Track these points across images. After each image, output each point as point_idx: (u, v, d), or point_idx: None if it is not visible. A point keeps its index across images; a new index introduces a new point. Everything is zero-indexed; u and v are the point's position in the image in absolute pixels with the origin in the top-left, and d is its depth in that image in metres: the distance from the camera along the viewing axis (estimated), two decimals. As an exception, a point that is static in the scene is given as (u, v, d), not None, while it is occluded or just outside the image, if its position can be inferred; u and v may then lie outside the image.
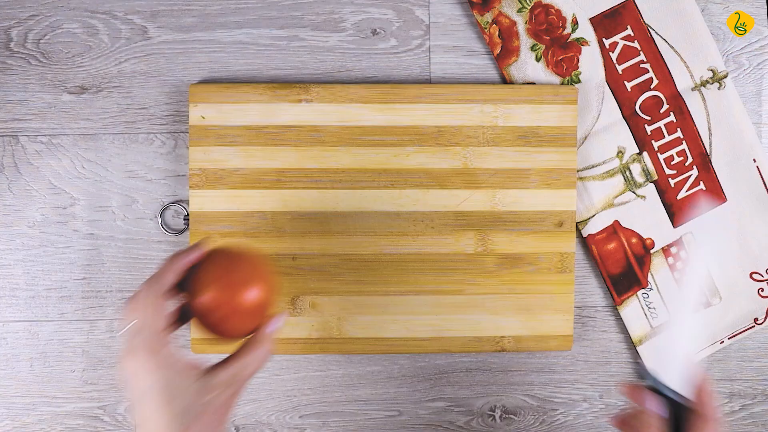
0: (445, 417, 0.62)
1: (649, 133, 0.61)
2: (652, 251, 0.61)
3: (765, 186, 0.61)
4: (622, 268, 0.61)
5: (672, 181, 0.61)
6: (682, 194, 0.61)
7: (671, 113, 0.61)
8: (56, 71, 0.60)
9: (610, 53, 0.60)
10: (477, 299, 0.60)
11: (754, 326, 0.62)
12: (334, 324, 0.59)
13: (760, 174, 0.61)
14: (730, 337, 0.62)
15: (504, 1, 0.60)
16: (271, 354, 0.44)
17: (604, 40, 0.60)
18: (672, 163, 0.61)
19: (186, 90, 0.60)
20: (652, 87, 0.61)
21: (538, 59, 0.60)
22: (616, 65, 0.60)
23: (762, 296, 0.62)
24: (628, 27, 0.60)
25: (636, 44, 0.60)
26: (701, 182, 0.61)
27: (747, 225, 0.61)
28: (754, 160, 0.61)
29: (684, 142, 0.61)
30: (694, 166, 0.61)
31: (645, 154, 0.61)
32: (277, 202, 0.59)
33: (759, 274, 0.62)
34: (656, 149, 0.61)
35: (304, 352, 0.59)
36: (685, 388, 0.42)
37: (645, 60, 0.60)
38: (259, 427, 0.61)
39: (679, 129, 0.61)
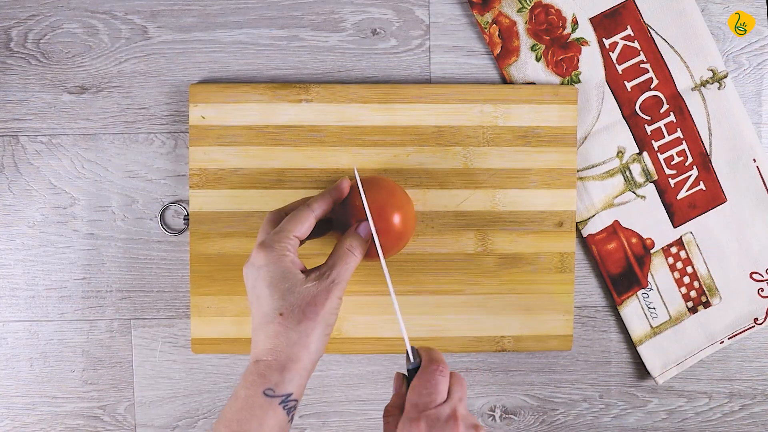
0: (445, 417, 0.62)
1: (649, 133, 0.61)
2: (652, 251, 0.61)
3: (765, 186, 0.61)
4: (622, 268, 0.61)
5: (672, 181, 0.61)
6: (682, 194, 0.61)
7: (671, 113, 0.61)
8: (56, 71, 0.60)
9: (610, 53, 0.60)
10: (477, 299, 0.60)
11: (754, 326, 0.62)
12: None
13: (760, 174, 0.61)
14: (730, 337, 0.62)
15: (504, 1, 0.60)
16: (357, 259, 0.49)
17: (604, 40, 0.60)
18: (672, 163, 0.61)
19: (186, 90, 0.60)
20: (652, 87, 0.61)
21: (538, 59, 0.60)
22: (616, 65, 0.60)
23: (762, 296, 0.62)
24: (628, 27, 0.60)
25: (636, 44, 0.60)
26: (701, 182, 0.61)
27: (747, 225, 0.61)
28: (754, 160, 0.61)
29: (684, 142, 0.61)
30: (694, 166, 0.61)
31: (645, 154, 0.61)
32: (277, 202, 0.59)
33: (759, 274, 0.62)
34: (656, 149, 0.61)
35: (304, 352, 0.59)
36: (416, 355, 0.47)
37: (645, 60, 0.60)
38: (259, 427, 0.61)
39: (679, 129, 0.61)
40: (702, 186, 0.61)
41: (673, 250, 0.61)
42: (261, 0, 0.60)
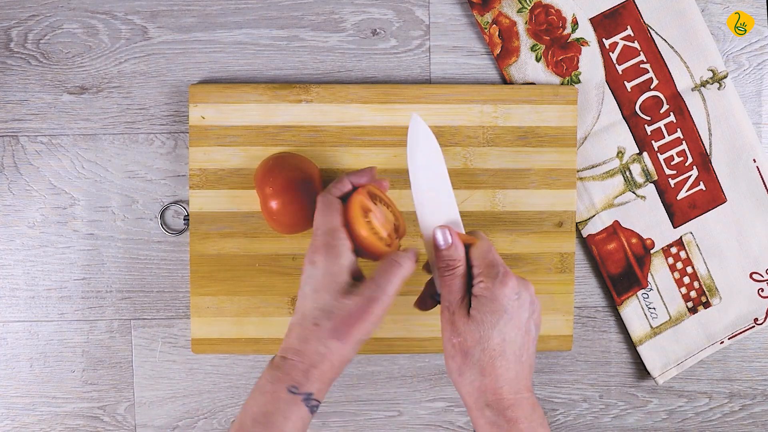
0: (445, 417, 0.62)
1: (649, 133, 0.61)
2: (652, 251, 0.61)
3: (765, 186, 0.61)
4: (622, 268, 0.61)
5: (672, 182, 0.61)
6: (682, 194, 0.61)
7: (671, 113, 0.61)
8: (56, 71, 0.60)
9: (610, 53, 0.60)
10: (477, 299, 0.59)
11: (754, 326, 0.62)
12: (334, 324, 0.59)
13: (760, 174, 0.61)
14: (730, 338, 0.62)
15: (504, 1, 0.60)
16: (404, 270, 0.47)
17: (604, 40, 0.60)
18: (672, 163, 0.61)
19: (186, 90, 0.60)
20: (652, 87, 0.61)
21: (538, 59, 0.60)
22: (616, 65, 0.60)
23: (762, 296, 0.62)
24: (628, 27, 0.60)
25: (636, 44, 0.60)
26: (701, 182, 0.61)
27: (747, 225, 0.61)
28: (754, 160, 0.61)
29: (684, 142, 0.61)
30: (694, 167, 0.61)
31: (645, 154, 0.61)
32: (277, 202, 0.59)
33: (759, 274, 0.62)
34: (656, 149, 0.61)
35: (304, 352, 0.59)
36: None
37: (645, 60, 0.60)
38: (259, 427, 0.61)
39: (679, 129, 0.61)
40: (702, 186, 0.61)
41: (673, 250, 0.61)
42: (261, 0, 0.60)
